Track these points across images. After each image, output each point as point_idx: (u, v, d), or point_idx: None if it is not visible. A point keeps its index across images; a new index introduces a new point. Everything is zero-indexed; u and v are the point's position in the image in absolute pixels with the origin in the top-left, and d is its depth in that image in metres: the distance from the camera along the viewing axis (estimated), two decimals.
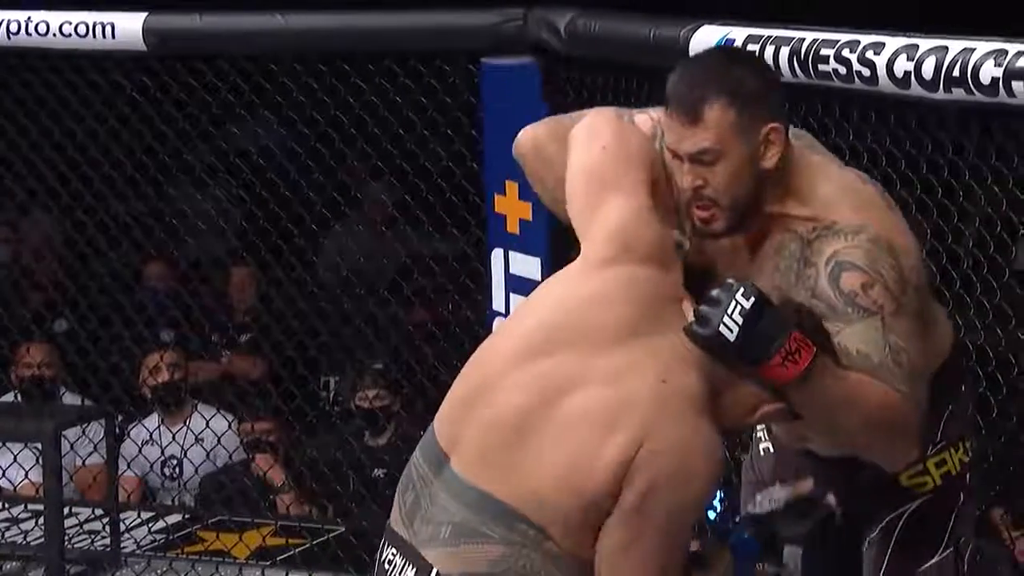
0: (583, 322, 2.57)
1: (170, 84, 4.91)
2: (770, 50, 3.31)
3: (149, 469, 5.55)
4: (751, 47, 3.34)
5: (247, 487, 5.34)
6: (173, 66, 4.86)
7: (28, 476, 5.29)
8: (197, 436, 5.42)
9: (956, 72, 2.99)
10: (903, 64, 3.09)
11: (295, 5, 4.50)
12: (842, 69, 3.18)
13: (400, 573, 2.56)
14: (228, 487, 5.36)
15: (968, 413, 2.93)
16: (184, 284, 5.83)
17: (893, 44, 3.14)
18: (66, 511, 4.88)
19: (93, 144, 5.17)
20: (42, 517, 4.81)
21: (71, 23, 4.63)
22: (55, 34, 4.64)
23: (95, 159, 5.20)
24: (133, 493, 5.44)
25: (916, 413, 2.58)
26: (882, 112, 3.25)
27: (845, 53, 3.21)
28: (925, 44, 3.08)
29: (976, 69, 2.95)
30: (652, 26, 3.75)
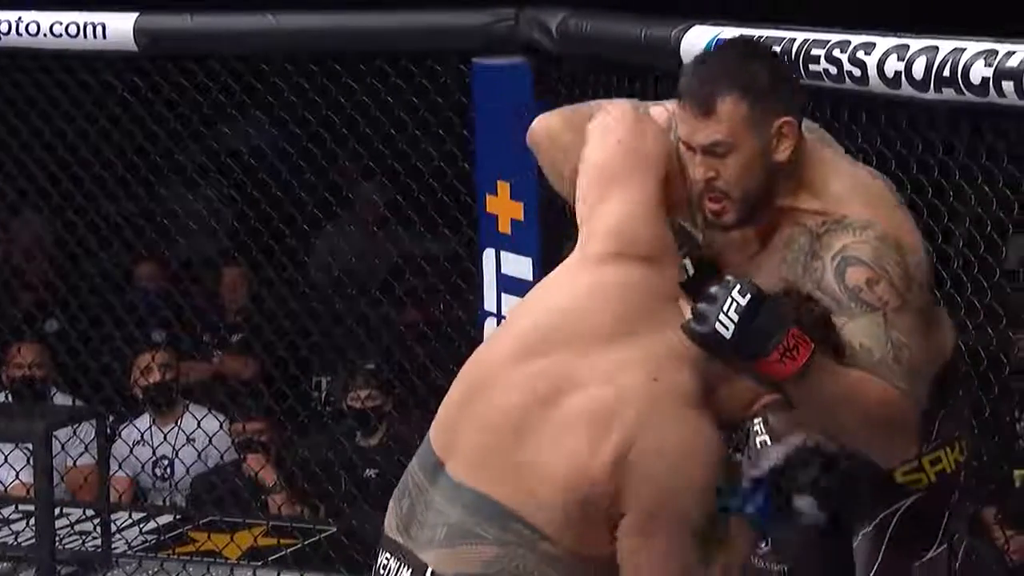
0: (578, 321, 2.58)
1: (161, 84, 4.90)
2: None
3: (140, 469, 5.54)
4: None
5: (238, 487, 5.33)
6: (164, 66, 4.85)
7: (19, 477, 5.28)
8: (188, 436, 5.42)
9: (946, 72, 2.99)
10: (893, 64, 3.09)
11: (286, 5, 4.49)
12: (833, 69, 3.18)
13: (396, 575, 2.57)
14: (219, 487, 5.35)
15: (964, 413, 2.93)
16: (175, 284, 5.81)
17: (883, 44, 3.14)
18: (57, 512, 4.87)
19: (84, 144, 5.16)
20: (33, 518, 4.81)
21: (62, 23, 4.62)
22: (46, 34, 4.63)
23: (86, 159, 5.18)
24: (124, 494, 5.43)
25: (914, 410, 2.59)
26: (872, 112, 3.25)
27: (836, 53, 3.21)
28: (915, 44, 3.08)
29: (966, 69, 2.95)
30: (643, 26, 3.75)
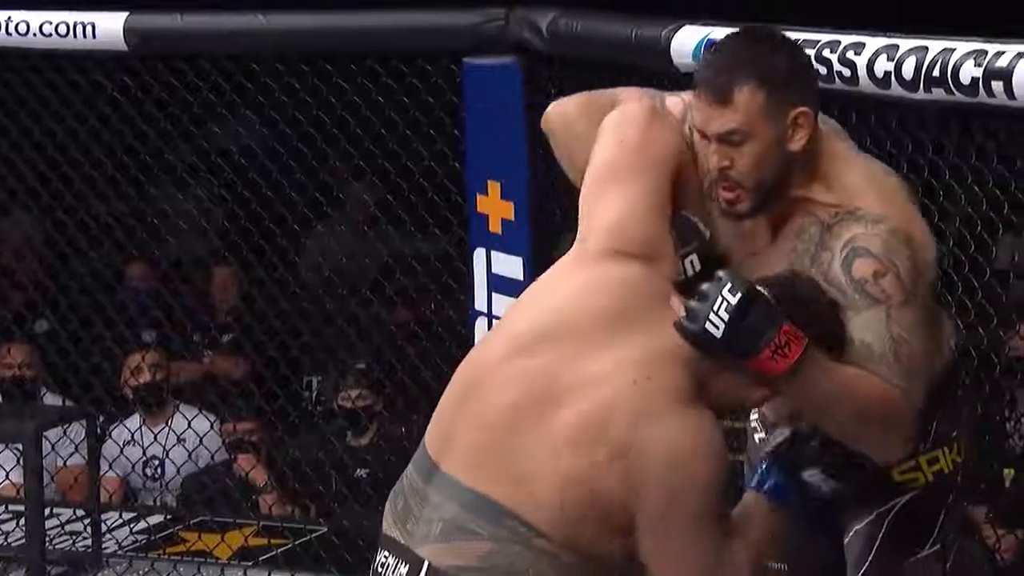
0: (573, 321, 2.58)
1: (151, 84, 4.89)
2: None
3: (131, 470, 5.53)
4: None
5: (229, 487, 5.32)
6: (154, 66, 4.84)
7: (9, 477, 5.27)
8: (179, 436, 5.41)
9: (936, 72, 3.00)
10: (883, 64, 3.10)
11: (277, 5, 4.49)
12: (823, 69, 3.18)
13: (393, 572, 2.57)
14: (210, 487, 5.35)
15: (963, 413, 2.93)
16: (166, 284, 5.81)
17: (873, 44, 3.14)
18: (47, 512, 4.86)
19: (74, 144, 5.15)
20: (23, 518, 4.80)
21: (51, 23, 4.61)
22: (35, 34, 4.62)
23: (76, 159, 5.18)
24: (115, 494, 5.42)
25: (911, 408, 2.58)
26: (862, 112, 3.25)
27: (826, 53, 3.21)
28: (905, 44, 3.09)
29: (956, 69, 2.96)
30: (633, 26, 3.75)
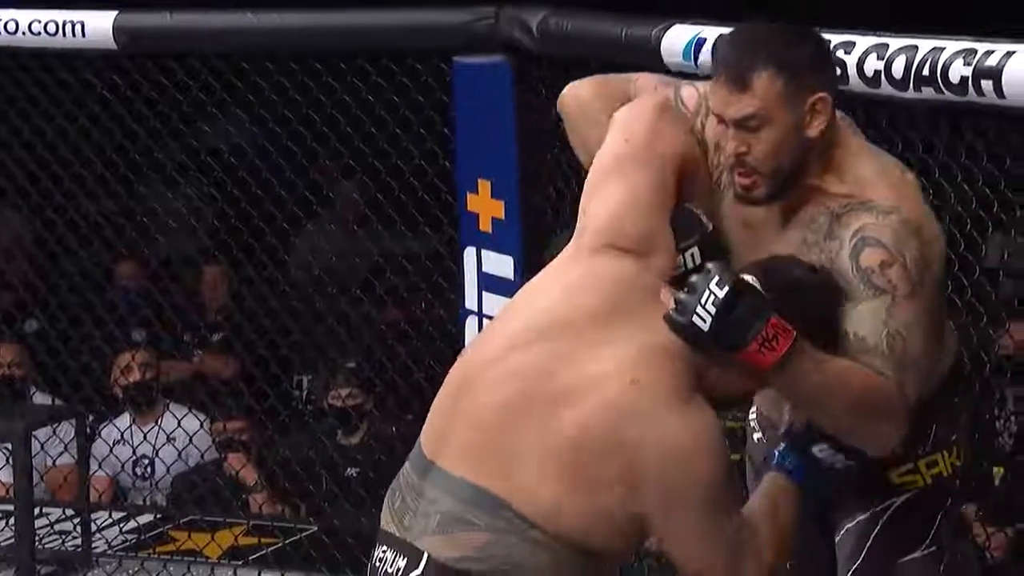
0: (567, 319, 2.59)
1: (141, 82, 4.89)
2: None
3: (120, 469, 5.53)
4: None
5: (219, 486, 5.32)
6: (144, 64, 4.84)
7: None
8: (169, 436, 5.40)
9: (926, 71, 3.00)
10: (873, 63, 3.10)
11: (266, 3, 4.48)
12: None
13: (391, 565, 2.58)
14: (200, 487, 5.35)
15: (963, 417, 2.92)
16: (155, 283, 5.80)
17: (863, 43, 3.14)
18: (37, 511, 4.87)
19: (63, 143, 5.15)
20: (12, 517, 4.80)
21: (40, 21, 4.60)
22: (24, 32, 4.62)
23: (65, 158, 5.17)
24: (104, 493, 5.42)
25: (900, 398, 2.57)
26: (852, 111, 3.25)
27: None
28: (895, 43, 3.09)
29: (946, 68, 2.96)
30: (624, 25, 3.75)
